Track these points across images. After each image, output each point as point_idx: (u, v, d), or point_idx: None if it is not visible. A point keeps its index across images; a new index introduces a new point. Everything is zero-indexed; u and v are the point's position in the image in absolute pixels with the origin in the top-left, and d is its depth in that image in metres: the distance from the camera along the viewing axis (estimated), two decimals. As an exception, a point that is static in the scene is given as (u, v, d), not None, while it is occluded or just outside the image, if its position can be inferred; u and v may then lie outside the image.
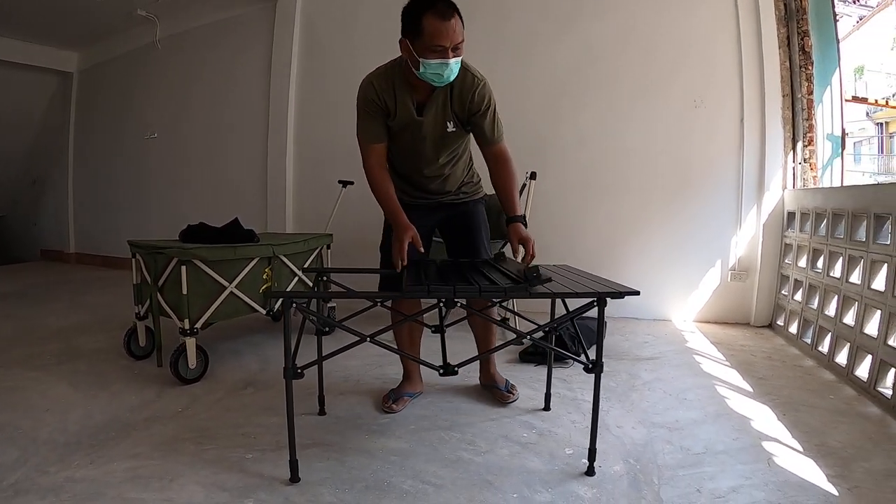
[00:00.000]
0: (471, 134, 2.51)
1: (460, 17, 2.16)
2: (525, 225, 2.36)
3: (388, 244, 2.52)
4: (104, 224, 7.29)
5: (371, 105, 2.34)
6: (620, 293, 1.91)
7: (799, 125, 4.20)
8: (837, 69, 4.25)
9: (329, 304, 3.96)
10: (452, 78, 2.24)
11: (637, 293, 1.91)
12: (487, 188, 2.67)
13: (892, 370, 2.74)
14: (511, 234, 2.34)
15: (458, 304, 1.97)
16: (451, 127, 2.41)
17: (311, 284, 3.45)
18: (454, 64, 2.19)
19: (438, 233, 2.79)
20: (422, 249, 2.28)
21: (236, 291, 3.10)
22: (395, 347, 2.13)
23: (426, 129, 2.39)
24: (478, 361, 2.04)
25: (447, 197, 2.63)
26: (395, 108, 2.35)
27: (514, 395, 2.73)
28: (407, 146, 2.46)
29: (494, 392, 2.77)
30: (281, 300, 1.91)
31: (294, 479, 1.95)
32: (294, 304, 1.92)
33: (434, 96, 2.35)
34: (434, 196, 2.60)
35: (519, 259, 2.37)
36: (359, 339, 1.94)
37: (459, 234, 2.67)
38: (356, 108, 2.40)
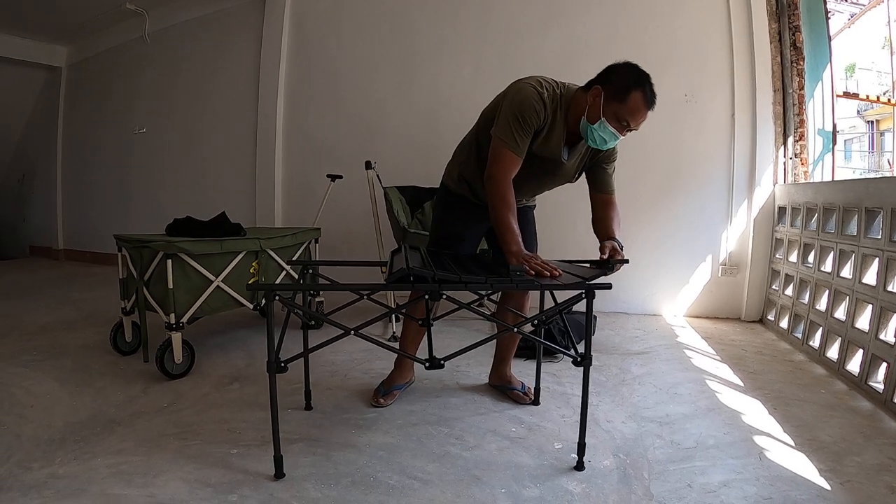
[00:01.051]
0: None
1: None
2: (620, 247, 2.26)
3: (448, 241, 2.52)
4: (93, 220, 7.23)
5: (533, 120, 2.17)
6: (607, 284, 1.89)
7: (790, 120, 4.20)
8: (829, 65, 4.25)
9: (317, 299, 3.94)
10: (605, 148, 2.24)
11: (609, 284, 1.89)
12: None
13: (884, 364, 2.73)
14: (605, 242, 2.27)
15: (444, 297, 1.95)
16: (578, 175, 2.41)
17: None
18: (619, 140, 2.19)
19: (485, 240, 2.72)
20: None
21: (223, 285, 3.07)
22: (379, 341, 2.09)
23: (562, 171, 2.34)
24: (465, 354, 2.00)
25: None
26: (544, 135, 2.23)
27: (530, 397, 2.67)
28: (530, 173, 2.29)
29: (511, 393, 2.71)
30: (265, 294, 1.87)
31: (279, 474, 1.92)
32: (277, 297, 1.90)
33: (582, 143, 2.30)
34: None
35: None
36: (343, 332, 1.92)
37: None
38: (512, 108, 2.18)
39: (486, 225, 2.51)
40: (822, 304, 3.42)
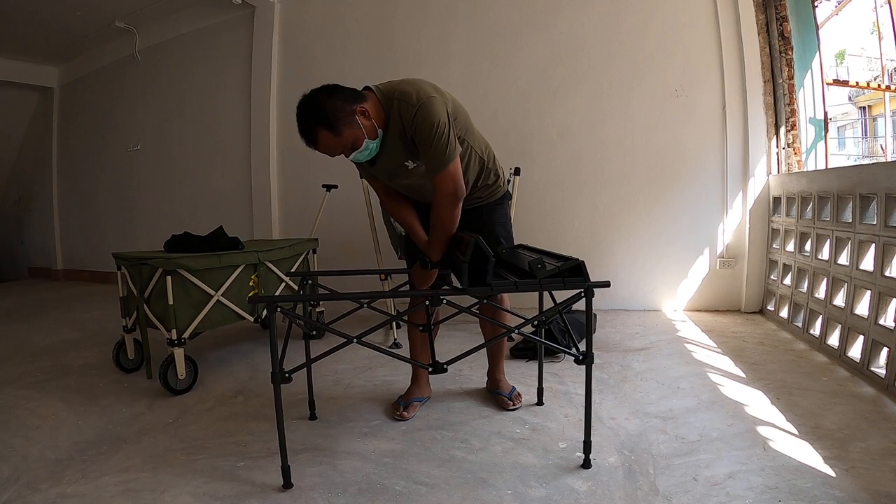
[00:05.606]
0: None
1: (327, 127, 1.99)
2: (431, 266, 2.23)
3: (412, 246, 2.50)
4: (91, 239, 7.24)
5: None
6: (605, 282, 1.90)
7: (781, 110, 4.21)
8: (817, 53, 4.26)
9: (318, 310, 3.94)
10: (365, 158, 2.16)
11: (607, 282, 1.90)
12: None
13: (885, 350, 2.74)
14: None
15: (444, 302, 1.96)
16: (411, 164, 2.21)
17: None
18: (357, 155, 2.11)
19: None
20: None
21: (223, 299, 3.08)
22: (381, 348, 2.10)
23: (388, 174, 2.29)
24: (467, 359, 2.00)
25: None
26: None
27: (516, 404, 2.63)
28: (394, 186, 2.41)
29: (497, 398, 2.69)
30: (267, 306, 1.87)
31: (286, 485, 1.93)
32: (279, 309, 1.90)
33: (385, 141, 2.16)
34: None
35: None
36: (345, 340, 1.92)
37: None
38: None
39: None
40: (820, 292, 3.43)
